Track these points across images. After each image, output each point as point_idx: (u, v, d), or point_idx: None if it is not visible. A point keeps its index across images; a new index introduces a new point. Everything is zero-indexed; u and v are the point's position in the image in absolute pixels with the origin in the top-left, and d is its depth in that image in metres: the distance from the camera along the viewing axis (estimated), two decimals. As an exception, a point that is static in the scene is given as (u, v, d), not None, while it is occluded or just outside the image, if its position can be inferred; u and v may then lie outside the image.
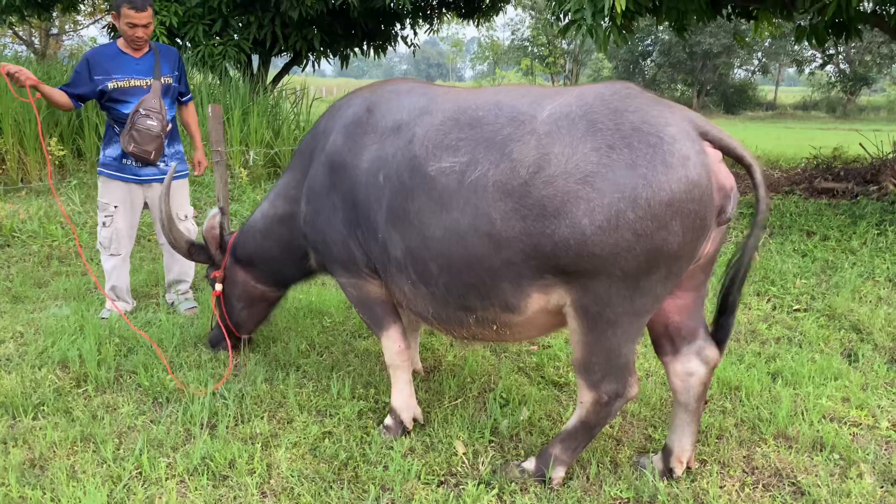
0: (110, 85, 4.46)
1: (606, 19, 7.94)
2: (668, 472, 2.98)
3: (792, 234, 7.34)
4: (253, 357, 4.15)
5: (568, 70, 45.42)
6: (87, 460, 3.00)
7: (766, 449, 3.21)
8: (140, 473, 2.93)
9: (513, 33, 46.72)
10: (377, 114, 3.13)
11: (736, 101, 44.28)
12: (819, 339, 4.53)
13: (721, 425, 3.41)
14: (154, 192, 4.76)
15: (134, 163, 4.60)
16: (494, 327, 2.86)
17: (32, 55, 21.72)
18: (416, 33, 16.43)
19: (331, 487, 2.86)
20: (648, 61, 47.19)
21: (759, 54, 43.60)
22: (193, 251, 3.98)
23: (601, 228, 2.41)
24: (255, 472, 2.93)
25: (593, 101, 2.57)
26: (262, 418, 3.41)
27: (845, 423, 3.46)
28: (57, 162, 9.35)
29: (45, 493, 2.77)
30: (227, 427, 3.30)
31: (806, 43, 9.38)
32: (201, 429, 3.28)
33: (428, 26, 15.98)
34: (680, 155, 2.41)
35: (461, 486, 2.90)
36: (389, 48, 15.38)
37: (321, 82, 41.31)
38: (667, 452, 3.01)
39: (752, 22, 10.56)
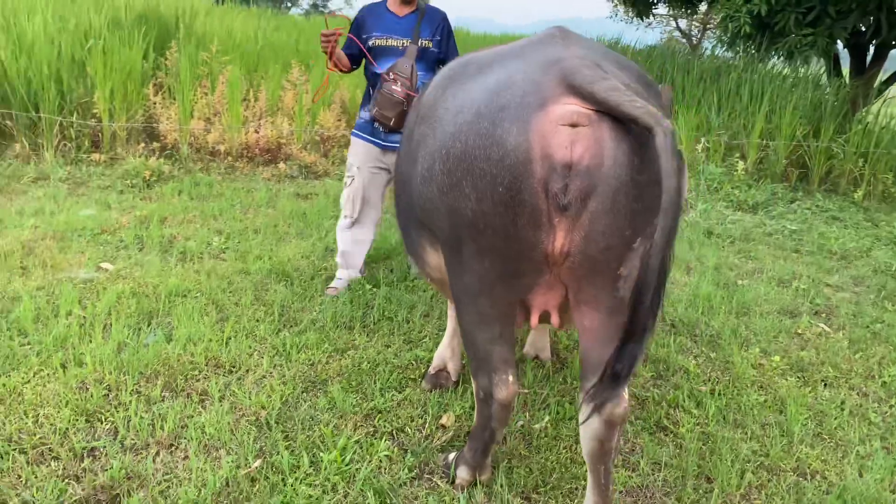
0: (370, 42, 4.36)
1: None
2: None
3: None
4: (385, 284, 4.40)
5: None
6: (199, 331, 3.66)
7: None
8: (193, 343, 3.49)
9: None
10: None
11: None
12: None
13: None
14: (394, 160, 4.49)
15: (381, 128, 4.25)
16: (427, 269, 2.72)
17: (688, 47, 22.27)
18: None
19: (288, 403, 3.04)
20: None
21: None
22: None
23: (423, 178, 2.20)
24: (232, 372, 3.29)
25: (505, 46, 2.33)
26: (320, 345, 3.59)
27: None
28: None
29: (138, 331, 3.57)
30: (272, 332, 3.68)
31: None
32: (274, 333, 3.69)
33: None
34: (496, 105, 1.95)
35: (374, 445, 2.73)
36: None
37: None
38: None
39: None
